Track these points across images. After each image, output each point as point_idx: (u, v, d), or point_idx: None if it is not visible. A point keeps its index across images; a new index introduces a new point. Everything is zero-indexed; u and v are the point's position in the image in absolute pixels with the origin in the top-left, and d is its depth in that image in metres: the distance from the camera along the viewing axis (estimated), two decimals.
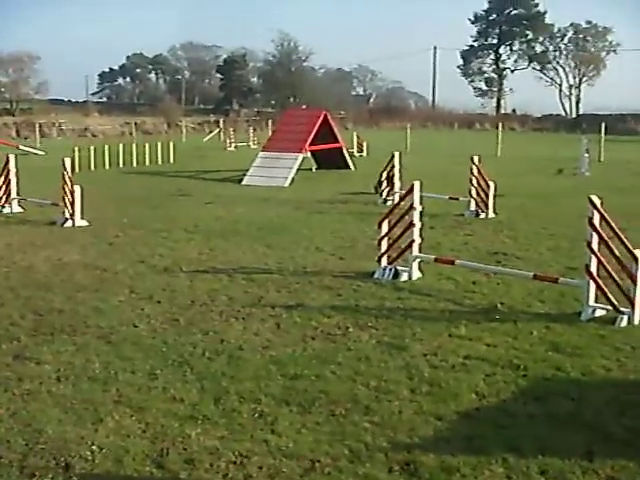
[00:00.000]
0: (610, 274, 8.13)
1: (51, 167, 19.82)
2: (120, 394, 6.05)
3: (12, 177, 16.17)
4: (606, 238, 8.13)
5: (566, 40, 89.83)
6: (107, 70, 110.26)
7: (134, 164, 29.03)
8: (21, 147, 36.52)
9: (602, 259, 8.17)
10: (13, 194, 16.28)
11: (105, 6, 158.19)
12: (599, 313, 8.27)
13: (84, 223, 14.52)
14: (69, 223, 14.44)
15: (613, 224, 8.14)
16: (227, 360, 6.87)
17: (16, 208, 16.35)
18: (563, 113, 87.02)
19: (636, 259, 7.93)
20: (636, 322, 7.98)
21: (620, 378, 6.51)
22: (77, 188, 14.42)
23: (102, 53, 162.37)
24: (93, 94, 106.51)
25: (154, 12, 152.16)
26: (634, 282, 7.95)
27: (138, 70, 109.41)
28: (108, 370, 6.57)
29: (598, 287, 8.21)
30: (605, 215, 8.15)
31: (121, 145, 29.42)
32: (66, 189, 14.50)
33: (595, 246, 8.16)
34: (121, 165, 28.43)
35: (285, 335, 7.63)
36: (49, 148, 36.39)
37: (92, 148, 27.80)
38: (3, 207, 16.22)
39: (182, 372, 6.55)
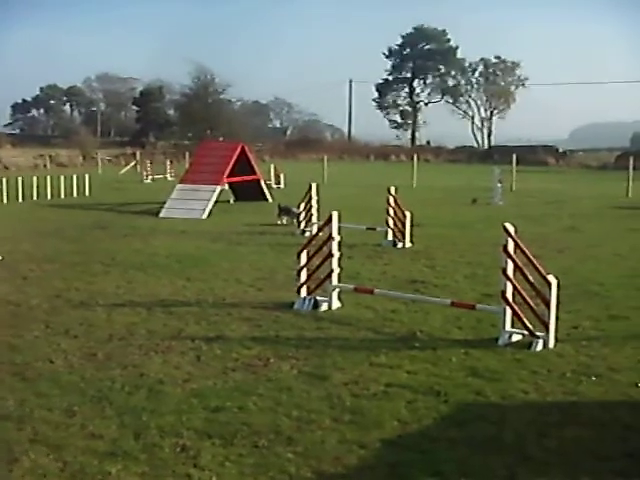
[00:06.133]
0: (525, 300, 8.33)
1: None
2: (36, 432, 5.87)
3: None
4: (520, 265, 8.34)
5: (477, 74, 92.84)
6: (20, 101, 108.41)
7: (48, 197, 28.40)
8: None
9: (517, 285, 8.38)
10: None
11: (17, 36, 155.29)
12: (515, 338, 8.46)
13: None
14: None
15: (527, 251, 8.35)
16: (147, 394, 6.75)
17: None
18: (476, 145, 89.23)
19: (549, 285, 8.15)
20: (551, 346, 8.19)
21: (538, 401, 6.65)
22: None
23: (14, 84, 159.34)
24: (5, 126, 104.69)
25: (69, 43, 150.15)
26: (548, 307, 8.16)
27: (52, 102, 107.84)
28: (23, 408, 6.37)
29: (514, 313, 8.41)
30: (519, 242, 8.36)
31: (35, 177, 28.77)
32: None
33: (510, 273, 8.35)
34: (35, 198, 27.77)
35: (205, 367, 7.54)
36: None
37: (4, 180, 27.11)
38: None
39: (101, 407, 6.41)
